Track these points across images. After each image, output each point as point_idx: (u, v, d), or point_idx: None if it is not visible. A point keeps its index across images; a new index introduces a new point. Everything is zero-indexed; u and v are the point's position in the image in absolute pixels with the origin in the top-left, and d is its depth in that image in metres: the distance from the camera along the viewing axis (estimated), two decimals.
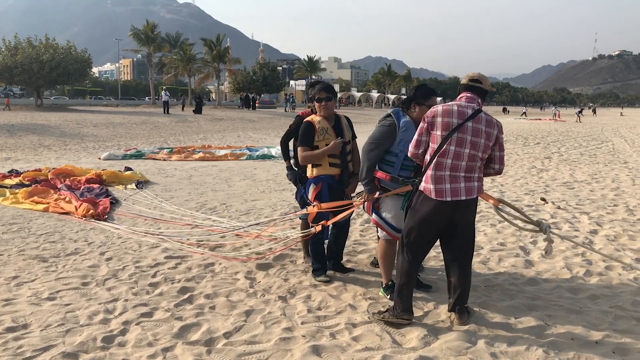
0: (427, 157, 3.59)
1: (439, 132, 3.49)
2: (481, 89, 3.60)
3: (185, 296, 4.29)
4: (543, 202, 8.32)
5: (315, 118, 4.60)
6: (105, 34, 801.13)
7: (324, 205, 4.50)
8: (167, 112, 35.44)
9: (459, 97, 3.64)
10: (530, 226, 3.76)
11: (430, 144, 3.59)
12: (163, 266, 5.08)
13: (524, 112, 69.07)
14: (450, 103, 3.56)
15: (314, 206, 4.54)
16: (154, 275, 4.80)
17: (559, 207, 7.92)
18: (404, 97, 4.27)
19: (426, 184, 3.55)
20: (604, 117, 62.62)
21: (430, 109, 3.62)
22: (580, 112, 52.87)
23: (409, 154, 3.80)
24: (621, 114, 74.95)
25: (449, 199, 3.48)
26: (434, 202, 3.51)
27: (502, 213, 3.66)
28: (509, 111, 77.99)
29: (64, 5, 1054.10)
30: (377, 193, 4.17)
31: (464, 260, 3.72)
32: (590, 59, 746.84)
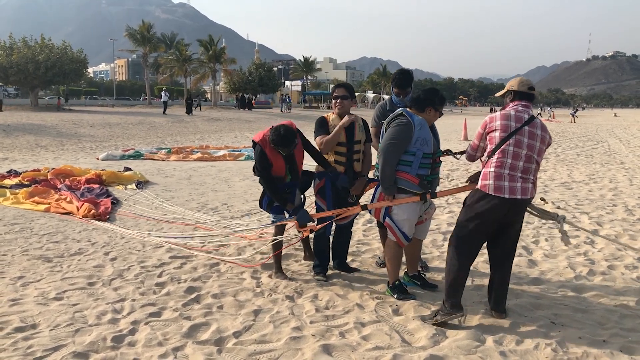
0: (485, 157, 3.78)
1: (498, 134, 3.67)
2: (534, 96, 3.84)
3: (193, 296, 4.30)
4: (543, 202, 8.37)
5: (330, 115, 4.71)
6: (99, 34, 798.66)
7: (318, 215, 4.56)
8: (165, 113, 35.29)
9: (513, 102, 3.78)
10: (546, 216, 4.07)
11: (487, 144, 3.77)
12: (168, 266, 5.08)
13: (539, 113, 60.79)
14: (507, 109, 3.76)
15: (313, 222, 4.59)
16: (159, 275, 4.80)
17: (558, 207, 7.96)
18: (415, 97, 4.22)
19: (484, 181, 3.69)
20: (598, 118, 62.88)
21: (490, 117, 3.79)
22: (574, 112, 52.86)
23: (465, 156, 4.07)
24: (615, 115, 75.30)
25: (506, 196, 3.61)
26: (491, 198, 3.64)
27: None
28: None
29: (58, 5, 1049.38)
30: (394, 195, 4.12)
31: (509, 259, 3.91)
32: (584, 59, 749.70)
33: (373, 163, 4.67)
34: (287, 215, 4.73)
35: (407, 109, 4.14)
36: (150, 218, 7.13)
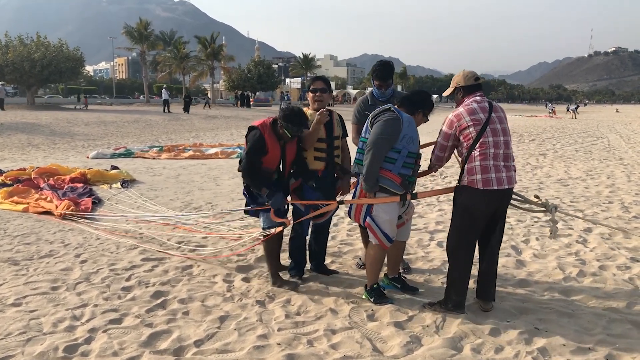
0: (464, 153, 3.71)
1: (471, 130, 3.64)
2: (481, 85, 3.89)
3: (159, 301, 4.08)
4: (536, 199, 8.12)
5: (308, 111, 4.50)
6: (100, 32, 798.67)
7: (293, 201, 4.36)
8: (165, 111, 34.86)
9: (469, 97, 3.77)
10: (536, 207, 4.10)
11: (463, 142, 3.70)
12: (139, 269, 4.86)
13: (552, 110, 56.50)
14: (465, 104, 3.74)
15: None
16: (128, 279, 4.59)
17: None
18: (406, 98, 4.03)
19: (471, 176, 3.64)
20: (599, 114, 62.47)
21: (455, 115, 3.72)
22: (575, 108, 52.27)
23: (434, 159, 3.97)
24: (617, 111, 74.93)
25: (495, 187, 3.60)
26: (481, 193, 3.60)
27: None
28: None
29: (58, 4, 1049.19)
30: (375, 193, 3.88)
31: (497, 248, 3.88)
32: (586, 55, 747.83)
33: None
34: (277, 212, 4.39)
35: (395, 106, 3.93)
36: (130, 218, 6.91)
